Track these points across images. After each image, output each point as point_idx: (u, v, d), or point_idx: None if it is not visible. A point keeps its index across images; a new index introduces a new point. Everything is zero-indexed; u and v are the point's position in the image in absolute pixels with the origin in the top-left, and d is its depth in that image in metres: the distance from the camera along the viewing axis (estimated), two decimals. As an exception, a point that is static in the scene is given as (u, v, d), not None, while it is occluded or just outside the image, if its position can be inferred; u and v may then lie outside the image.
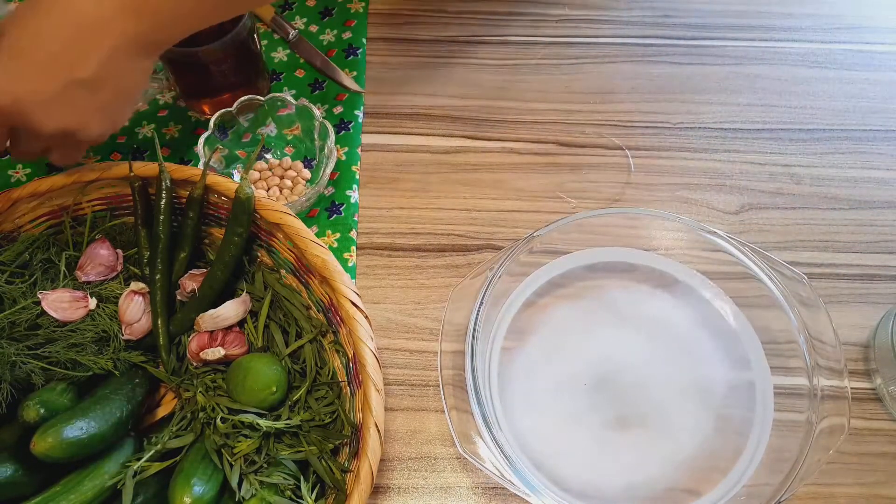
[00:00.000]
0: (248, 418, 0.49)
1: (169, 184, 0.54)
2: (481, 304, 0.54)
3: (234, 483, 0.48)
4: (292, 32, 0.75)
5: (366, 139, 0.70)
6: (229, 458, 0.48)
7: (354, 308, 0.49)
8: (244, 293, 0.54)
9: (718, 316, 0.60)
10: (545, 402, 0.55)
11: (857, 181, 0.69)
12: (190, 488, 0.46)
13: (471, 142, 0.70)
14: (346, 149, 0.69)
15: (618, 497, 0.52)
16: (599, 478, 0.53)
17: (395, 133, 0.71)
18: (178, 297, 0.56)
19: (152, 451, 0.49)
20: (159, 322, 0.53)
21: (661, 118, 0.72)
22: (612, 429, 0.55)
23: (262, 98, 0.65)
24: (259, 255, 0.57)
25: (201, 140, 0.63)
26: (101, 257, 0.54)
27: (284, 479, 0.48)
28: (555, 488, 0.52)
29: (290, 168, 0.67)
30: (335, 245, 0.64)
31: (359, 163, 0.69)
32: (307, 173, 0.67)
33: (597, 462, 0.53)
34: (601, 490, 0.52)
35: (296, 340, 0.54)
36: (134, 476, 0.48)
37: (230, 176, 0.66)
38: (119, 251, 0.56)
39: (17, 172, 0.67)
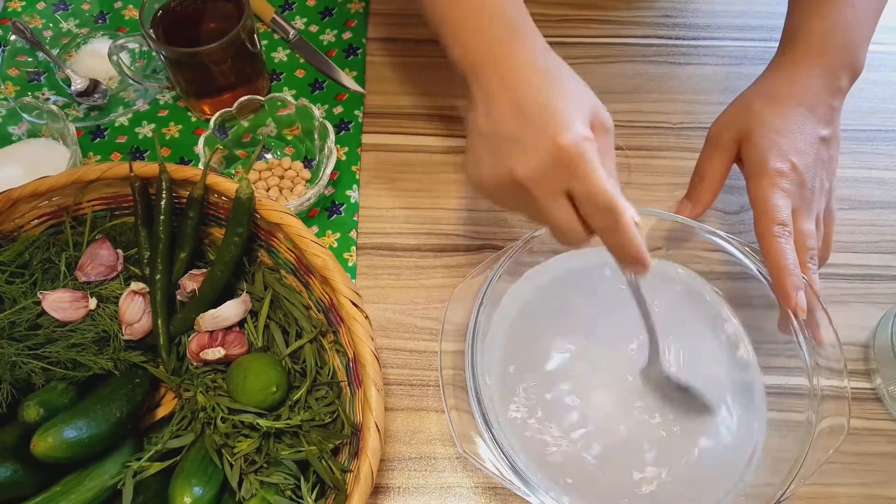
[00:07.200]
0: (248, 418, 0.49)
1: (169, 184, 0.54)
2: (481, 304, 0.54)
3: (234, 483, 0.48)
4: (292, 32, 0.75)
5: (366, 139, 0.70)
6: (229, 458, 0.48)
7: (354, 308, 0.49)
8: (244, 293, 0.54)
9: (718, 316, 0.60)
10: (545, 401, 0.55)
11: (857, 181, 0.69)
12: (190, 488, 0.46)
13: (471, 142, 0.70)
14: (346, 149, 0.69)
15: (617, 497, 0.52)
16: (600, 478, 0.53)
17: (395, 133, 0.71)
18: (178, 297, 0.56)
19: (152, 451, 0.49)
20: (159, 322, 0.53)
21: (661, 118, 0.72)
22: (612, 428, 0.54)
23: (262, 98, 0.65)
24: (259, 255, 0.57)
25: (201, 140, 0.63)
26: (101, 257, 0.54)
27: (284, 479, 0.48)
28: (555, 488, 0.52)
29: (290, 168, 0.67)
30: (335, 245, 0.64)
31: (359, 163, 0.69)
32: (307, 173, 0.67)
33: (597, 462, 0.53)
34: (601, 490, 0.52)
35: (296, 340, 0.54)
36: (134, 476, 0.48)
37: (230, 176, 0.66)
38: (119, 251, 0.55)
39: (17, 172, 0.67)
